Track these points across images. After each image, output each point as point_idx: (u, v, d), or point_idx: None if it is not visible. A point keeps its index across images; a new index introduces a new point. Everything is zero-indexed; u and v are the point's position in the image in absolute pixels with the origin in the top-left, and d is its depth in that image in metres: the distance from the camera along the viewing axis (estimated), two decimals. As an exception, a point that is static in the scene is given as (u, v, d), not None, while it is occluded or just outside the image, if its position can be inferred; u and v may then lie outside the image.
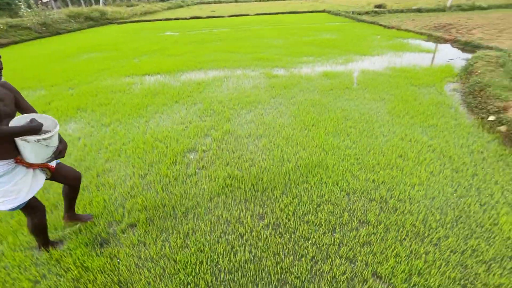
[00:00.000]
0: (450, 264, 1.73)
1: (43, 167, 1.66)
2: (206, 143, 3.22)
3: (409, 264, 1.73)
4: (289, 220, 2.10)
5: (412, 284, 1.62)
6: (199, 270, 1.74)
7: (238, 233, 2.02)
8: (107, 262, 1.82)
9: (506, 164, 2.61)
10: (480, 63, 4.97)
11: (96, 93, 5.00)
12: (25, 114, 1.51)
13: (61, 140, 1.62)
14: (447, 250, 1.82)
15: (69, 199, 2.00)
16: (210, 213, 2.21)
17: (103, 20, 18.40)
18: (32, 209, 1.67)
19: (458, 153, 2.79)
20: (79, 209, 2.27)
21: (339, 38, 9.09)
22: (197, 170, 2.76)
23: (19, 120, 1.46)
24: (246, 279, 1.69)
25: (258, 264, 1.78)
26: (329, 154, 2.87)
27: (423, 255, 1.78)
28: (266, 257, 1.82)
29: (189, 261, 1.80)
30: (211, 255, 1.84)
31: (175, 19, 19.12)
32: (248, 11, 21.06)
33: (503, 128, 3.15)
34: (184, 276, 1.71)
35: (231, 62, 6.77)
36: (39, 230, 1.79)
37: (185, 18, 19.04)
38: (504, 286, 1.59)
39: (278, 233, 2.01)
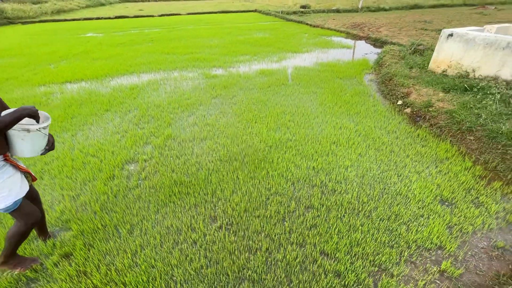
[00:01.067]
0: (380, 230, 2.02)
1: (25, 171, 1.59)
2: (147, 151, 3.03)
3: (349, 238, 1.95)
4: (241, 218, 2.14)
5: (353, 255, 1.84)
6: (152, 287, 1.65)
7: (191, 240, 1.97)
8: (38, 303, 1.58)
9: (413, 140, 3.16)
10: (387, 56, 5.84)
11: (1, 108, 4.18)
12: (8, 110, 1.42)
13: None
14: (377, 219, 2.11)
15: (41, 223, 1.93)
16: (158, 225, 2.10)
17: (1, 20, 15.38)
18: (26, 215, 1.58)
19: (378, 134, 3.25)
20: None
21: (271, 37, 9.51)
22: (139, 182, 2.58)
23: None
24: (204, 285, 1.67)
25: (215, 267, 1.77)
26: (273, 148, 3.01)
27: (360, 227, 2.04)
28: (222, 259, 1.82)
29: (140, 280, 1.68)
30: (164, 269, 1.76)
31: (97, 18, 17.19)
32: (180, 11, 20.30)
33: (408, 110, 3.79)
34: (136, 296, 1.60)
35: (167, 64, 6.46)
36: (19, 240, 1.63)
37: (109, 18, 17.27)
38: (420, 240, 1.93)
39: (232, 232, 2.03)
